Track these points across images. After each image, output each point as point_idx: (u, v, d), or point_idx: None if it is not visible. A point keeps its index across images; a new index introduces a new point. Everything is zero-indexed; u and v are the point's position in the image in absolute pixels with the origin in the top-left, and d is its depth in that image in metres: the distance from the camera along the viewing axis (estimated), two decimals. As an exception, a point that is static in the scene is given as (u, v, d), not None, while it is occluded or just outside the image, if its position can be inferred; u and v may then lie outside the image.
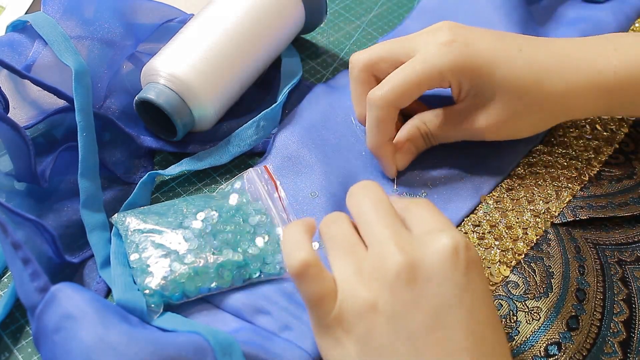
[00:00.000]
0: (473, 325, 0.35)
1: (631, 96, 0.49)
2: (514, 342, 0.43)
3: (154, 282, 0.42)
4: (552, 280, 0.46)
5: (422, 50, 0.48)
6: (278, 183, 0.50)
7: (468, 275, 0.35)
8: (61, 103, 0.49)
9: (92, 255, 0.46)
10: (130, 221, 0.45)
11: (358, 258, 0.37)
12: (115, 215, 0.46)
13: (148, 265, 0.43)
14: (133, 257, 0.43)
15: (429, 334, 0.34)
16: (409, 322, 0.35)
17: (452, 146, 0.52)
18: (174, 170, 0.50)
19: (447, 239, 0.36)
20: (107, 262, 0.44)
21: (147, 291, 0.42)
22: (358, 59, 0.50)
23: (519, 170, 0.53)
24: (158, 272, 0.42)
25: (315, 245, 0.47)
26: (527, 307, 0.45)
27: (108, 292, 0.44)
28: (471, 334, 0.35)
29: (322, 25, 0.61)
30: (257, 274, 0.44)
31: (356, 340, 0.36)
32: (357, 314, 0.36)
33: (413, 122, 0.51)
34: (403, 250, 0.35)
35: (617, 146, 0.55)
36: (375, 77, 0.50)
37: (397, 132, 0.50)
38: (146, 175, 0.49)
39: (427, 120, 0.50)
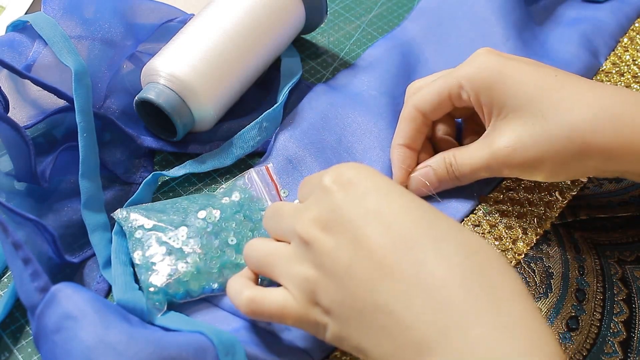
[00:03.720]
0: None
1: None
2: (514, 342, 0.43)
3: (159, 280, 0.42)
4: (552, 280, 0.46)
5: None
6: (278, 183, 0.50)
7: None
8: (61, 103, 0.49)
9: (93, 255, 0.46)
10: (133, 217, 0.45)
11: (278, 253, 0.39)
12: (118, 211, 0.46)
13: (153, 263, 0.43)
14: (137, 254, 0.43)
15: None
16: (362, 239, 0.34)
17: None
18: (177, 172, 0.50)
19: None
20: (109, 262, 0.44)
21: (151, 289, 0.42)
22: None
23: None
24: (163, 270, 0.42)
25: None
26: (527, 307, 0.45)
27: (108, 292, 0.44)
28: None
29: (322, 25, 0.61)
30: (258, 274, 0.44)
31: (335, 314, 0.35)
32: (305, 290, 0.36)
33: (443, 153, 0.50)
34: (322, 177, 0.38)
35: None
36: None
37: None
38: (150, 175, 0.49)
39: (456, 151, 0.49)
